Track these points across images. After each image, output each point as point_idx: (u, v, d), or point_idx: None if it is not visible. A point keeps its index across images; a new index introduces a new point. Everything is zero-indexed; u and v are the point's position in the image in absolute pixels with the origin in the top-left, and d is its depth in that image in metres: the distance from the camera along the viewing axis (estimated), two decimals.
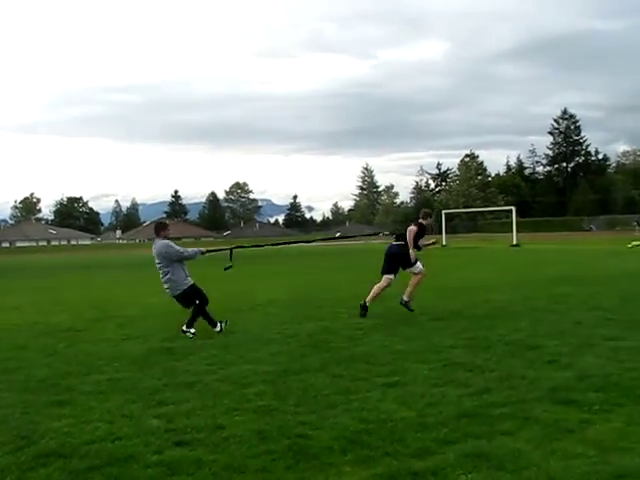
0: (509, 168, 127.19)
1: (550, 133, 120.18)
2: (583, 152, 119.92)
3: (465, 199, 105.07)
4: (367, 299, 10.60)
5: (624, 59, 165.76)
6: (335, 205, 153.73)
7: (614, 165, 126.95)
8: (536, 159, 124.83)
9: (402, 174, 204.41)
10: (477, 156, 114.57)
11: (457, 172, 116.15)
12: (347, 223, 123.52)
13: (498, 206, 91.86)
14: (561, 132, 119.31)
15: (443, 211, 53.30)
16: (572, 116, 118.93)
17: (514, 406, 5.02)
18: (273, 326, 9.66)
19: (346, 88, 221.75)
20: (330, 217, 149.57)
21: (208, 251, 10.05)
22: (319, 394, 5.62)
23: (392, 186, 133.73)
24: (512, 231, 44.71)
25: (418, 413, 4.95)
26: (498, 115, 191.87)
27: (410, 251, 10.53)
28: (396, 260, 10.73)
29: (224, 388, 5.94)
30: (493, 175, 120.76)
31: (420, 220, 10.82)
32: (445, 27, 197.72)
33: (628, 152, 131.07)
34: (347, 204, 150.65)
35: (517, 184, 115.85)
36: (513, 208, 48.72)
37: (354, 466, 3.99)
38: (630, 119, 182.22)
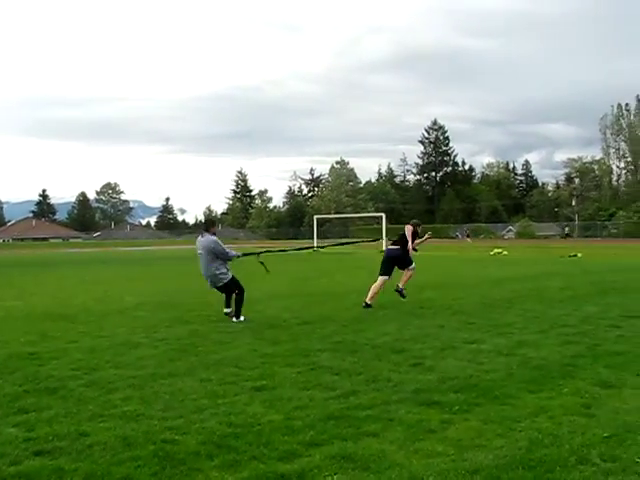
0: (380, 176, 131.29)
1: (421, 142, 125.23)
2: (451, 162, 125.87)
3: (336, 205, 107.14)
4: (367, 299, 11.80)
5: (492, 76, 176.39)
6: (208, 208, 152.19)
7: (479, 176, 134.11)
8: (407, 167, 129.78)
9: (276, 179, 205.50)
10: (347, 163, 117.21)
11: (329, 178, 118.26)
12: (220, 226, 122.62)
13: (369, 212, 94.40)
14: (431, 142, 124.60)
15: (315, 216, 54.11)
16: (441, 127, 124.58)
17: (379, 408, 5.20)
18: (141, 330, 9.44)
19: (223, 91, 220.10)
20: (203, 220, 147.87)
21: (244, 255, 11.47)
22: (187, 398, 5.57)
23: (266, 190, 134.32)
24: (382, 237, 46.12)
25: (285, 416, 5.03)
26: (371, 124, 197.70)
27: (409, 245, 12.21)
28: (394, 262, 12.38)
29: (89, 394, 5.76)
30: (364, 182, 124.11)
31: (407, 224, 12.57)
32: (322, 36, 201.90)
33: (492, 164, 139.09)
34: (220, 207, 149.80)
35: (387, 191, 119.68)
36: (383, 215, 50.27)
37: (221, 471, 3.99)
38: (495, 133, 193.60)
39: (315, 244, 46.09)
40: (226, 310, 10.64)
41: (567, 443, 4.33)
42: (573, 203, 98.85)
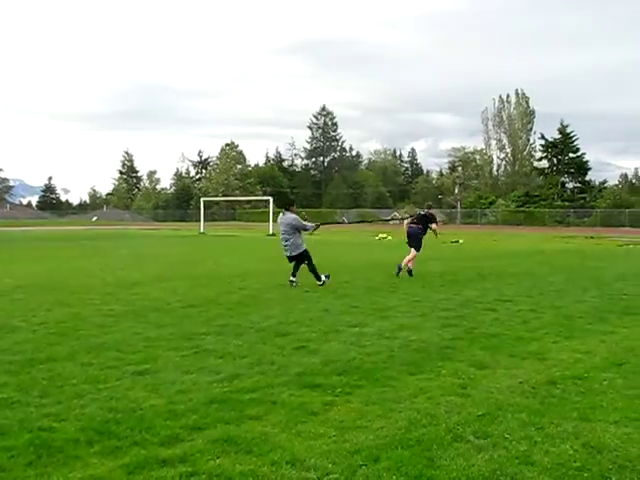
0: (268, 159, 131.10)
1: (309, 128, 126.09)
2: (339, 148, 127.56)
3: (225, 188, 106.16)
4: (402, 264, 14.32)
5: (383, 65, 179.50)
6: (92, 189, 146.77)
7: (366, 162, 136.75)
8: (295, 152, 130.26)
9: (164, 160, 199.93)
10: (237, 145, 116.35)
11: (217, 161, 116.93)
12: (104, 207, 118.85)
13: (256, 196, 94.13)
14: (319, 127, 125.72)
15: (202, 199, 53.44)
16: (330, 113, 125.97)
17: (263, 391, 5.24)
18: (19, 313, 9.06)
19: (112, 68, 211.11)
20: (87, 201, 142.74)
21: (317, 226, 14.53)
22: (66, 384, 5.40)
23: (155, 171, 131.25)
24: (269, 221, 46.21)
25: (168, 400, 4.97)
26: (261, 107, 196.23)
27: (434, 226, 14.87)
28: (410, 239, 14.77)
29: None
30: (253, 166, 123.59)
31: (430, 210, 15.45)
32: (216, 18, 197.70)
33: (379, 151, 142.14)
34: (105, 188, 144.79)
35: (276, 175, 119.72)
36: (270, 198, 50.41)
37: (101, 457, 3.90)
38: (383, 120, 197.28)
39: (202, 228, 45.49)
40: (292, 279, 12.65)
41: (444, 422, 4.53)
42: (456, 191, 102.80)
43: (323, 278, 12.66)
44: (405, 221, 15.79)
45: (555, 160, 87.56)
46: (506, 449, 4.07)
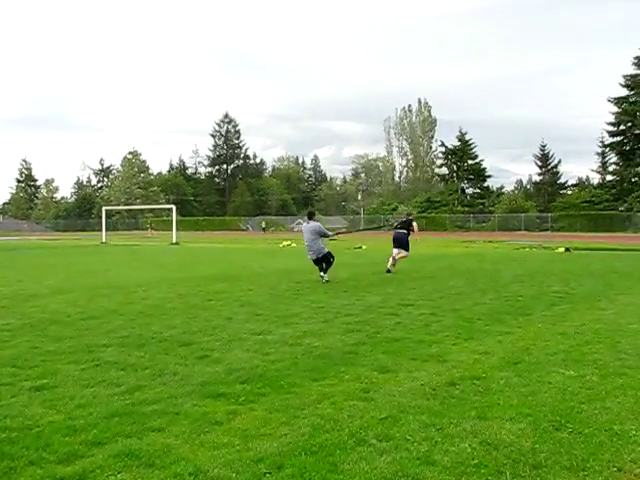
0: (172, 167, 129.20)
1: (212, 135, 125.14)
2: (242, 155, 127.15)
3: (127, 196, 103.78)
4: (388, 266, 17.15)
5: (287, 73, 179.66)
6: None
7: (270, 169, 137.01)
8: (198, 160, 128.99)
9: (64, 167, 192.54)
10: (140, 154, 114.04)
11: (120, 169, 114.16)
12: (1, 217, 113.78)
13: (160, 204, 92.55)
14: (222, 135, 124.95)
15: (104, 207, 52.02)
16: (232, 120, 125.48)
17: (165, 402, 5.17)
18: None
19: (11, 75, 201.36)
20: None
21: (336, 234, 18.44)
22: None
23: (52, 180, 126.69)
24: (172, 229, 45.51)
25: (67, 416, 4.82)
26: (164, 114, 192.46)
27: (416, 235, 17.96)
28: (399, 242, 17.52)
29: None
30: (156, 174, 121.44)
31: (412, 218, 18.18)
32: (118, 21, 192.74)
33: (283, 158, 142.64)
34: (2, 197, 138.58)
35: (179, 183, 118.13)
36: (174, 207, 49.70)
37: None
38: (287, 128, 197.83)
39: (104, 237, 44.30)
40: (322, 274, 14.97)
41: (347, 427, 4.60)
42: (359, 197, 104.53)
43: (327, 277, 14.86)
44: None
45: (455, 167, 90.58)
46: (408, 450, 4.18)
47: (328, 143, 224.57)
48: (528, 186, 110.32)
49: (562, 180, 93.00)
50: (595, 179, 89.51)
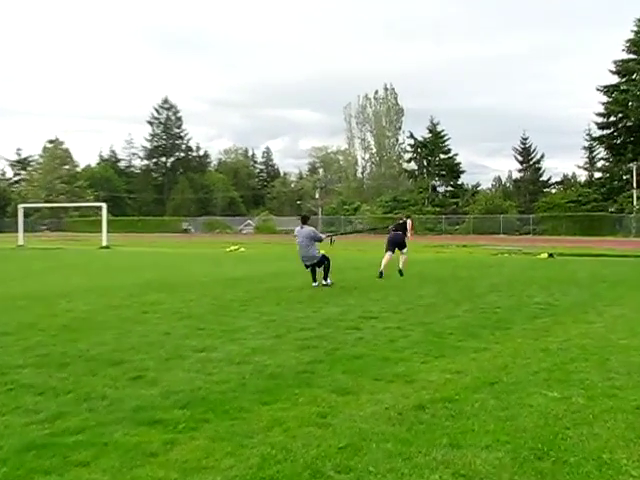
0: (102, 159, 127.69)
1: (149, 123, 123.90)
2: (184, 147, 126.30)
3: (48, 192, 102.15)
4: (382, 267, 18.32)
5: (236, 54, 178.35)
6: None
7: (216, 163, 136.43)
8: (133, 151, 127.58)
9: None
10: (62, 142, 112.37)
11: (40, 160, 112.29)
12: None
13: (87, 202, 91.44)
14: (161, 123, 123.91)
15: (20, 205, 51.16)
16: (173, 106, 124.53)
17: (92, 431, 5.07)
18: None
19: None
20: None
21: (328, 236, 18.92)
22: None
23: None
24: (102, 231, 44.97)
25: None
26: (93, 98, 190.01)
27: (409, 234, 19.38)
28: (396, 244, 19.00)
29: None
30: (83, 167, 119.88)
31: (408, 219, 19.83)
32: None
33: (230, 150, 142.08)
34: None
35: (110, 178, 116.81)
36: (104, 205, 49.05)
37: None
38: (236, 116, 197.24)
39: (21, 240, 43.52)
40: (314, 284, 16.09)
41: (301, 457, 4.57)
42: (317, 195, 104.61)
43: (329, 281, 16.24)
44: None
45: (425, 162, 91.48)
46: None
47: (282, 133, 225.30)
48: (507, 184, 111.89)
49: (545, 177, 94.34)
50: (582, 176, 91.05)
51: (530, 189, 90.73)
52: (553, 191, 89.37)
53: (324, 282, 16.13)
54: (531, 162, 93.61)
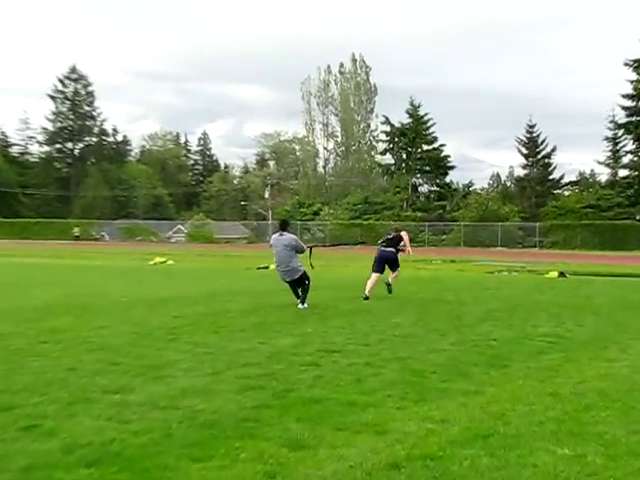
0: None
1: (52, 98, 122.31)
2: (97, 129, 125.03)
3: None
4: (367, 291, 18.88)
5: (165, 15, 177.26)
6: None
7: (138, 152, 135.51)
8: (29, 134, 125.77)
9: None
10: None
11: None
12: None
13: None
14: (67, 98, 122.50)
15: None
16: (83, 77, 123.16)
17: None
18: None
19: None
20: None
21: (310, 248, 19.25)
22: None
23: None
24: None
25: None
26: None
27: (408, 249, 20.38)
28: (386, 262, 19.94)
29: None
30: None
31: (402, 232, 20.44)
32: None
33: (157, 135, 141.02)
34: None
35: None
36: None
37: None
38: (164, 91, 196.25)
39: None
40: (297, 301, 16.84)
41: None
42: (267, 195, 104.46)
43: (306, 305, 16.63)
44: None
45: (404, 154, 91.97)
46: None
47: (223, 115, 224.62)
48: (508, 183, 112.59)
49: (556, 175, 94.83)
50: (603, 175, 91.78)
51: (537, 190, 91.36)
52: (566, 193, 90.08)
53: (300, 306, 16.58)
54: (539, 156, 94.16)
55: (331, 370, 9.47)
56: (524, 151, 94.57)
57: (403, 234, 20.24)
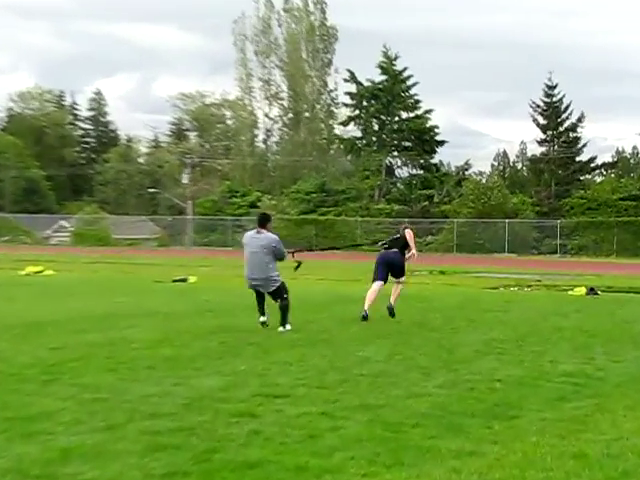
0: None
1: None
2: None
3: None
4: (366, 307, 19.98)
5: None
6: None
7: (4, 116, 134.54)
8: None
9: None
10: None
11: None
12: None
13: None
14: None
15: None
16: None
17: None
18: None
19: None
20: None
21: (292, 254, 19.86)
22: None
23: None
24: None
25: None
26: None
27: (413, 251, 21.28)
28: (390, 267, 21.12)
29: None
30: None
31: (407, 230, 21.65)
32: None
33: (30, 94, 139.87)
34: None
35: None
36: None
37: None
38: (40, 31, 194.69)
39: None
40: (263, 319, 17.97)
41: None
42: (185, 179, 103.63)
43: (288, 327, 17.68)
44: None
45: (376, 124, 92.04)
46: None
47: (125, 68, 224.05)
48: (520, 165, 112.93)
49: (585, 155, 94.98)
50: None
51: (558, 175, 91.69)
52: (598, 179, 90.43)
53: (282, 329, 17.57)
54: (561, 128, 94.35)
55: (273, 422, 9.48)
56: (541, 121, 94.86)
57: (407, 232, 21.27)
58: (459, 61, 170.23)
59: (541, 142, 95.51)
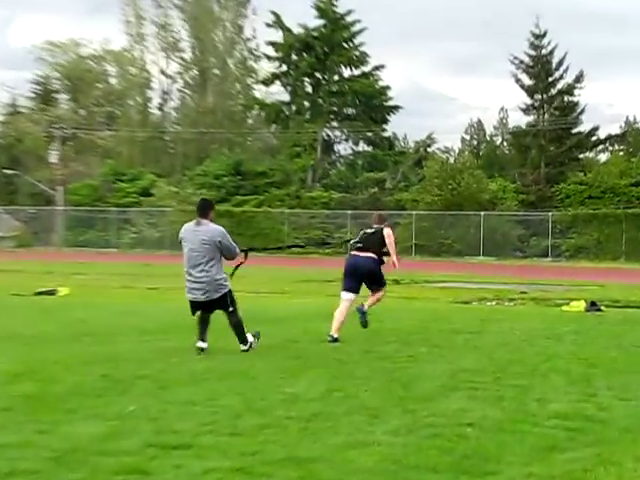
0: None
1: None
2: None
3: None
4: (334, 328, 21.11)
5: None
6: None
7: None
8: None
9: None
10: None
11: None
12: None
13: None
14: None
15: None
16: None
17: None
18: None
19: None
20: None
21: (246, 251, 20.40)
22: None
23: None
24: None
25: None
26: None
27: (394, 259, 22.03)
28: (363, 276, 22.01)
29: None
30: None
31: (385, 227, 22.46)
32: None
33: None
34: None
35: None
36: None
37: None
38: None
39: None
40: (201, 345, 18.43)
41: None
42: (54, 158, 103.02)
43: (250, 339, 18.74)
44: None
45: (308, 85, 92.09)
46: None
47: None
48: (499, 139, 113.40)
49: (584, 126, 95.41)
50: None
51: (550, 153, 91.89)
52: (602, 158, 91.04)
53: (244, 347, 18.68)
54: (553, 91, 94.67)
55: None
56: (526, 81, 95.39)
57: (385, 232, 22.06)
58: (420, 1, 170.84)
59: (527, 109, 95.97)
